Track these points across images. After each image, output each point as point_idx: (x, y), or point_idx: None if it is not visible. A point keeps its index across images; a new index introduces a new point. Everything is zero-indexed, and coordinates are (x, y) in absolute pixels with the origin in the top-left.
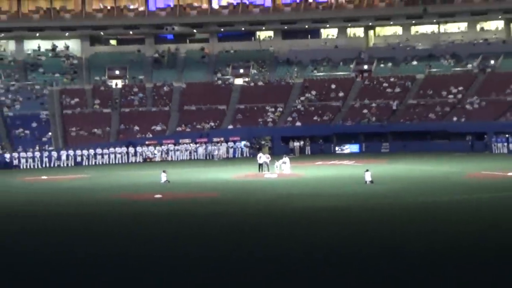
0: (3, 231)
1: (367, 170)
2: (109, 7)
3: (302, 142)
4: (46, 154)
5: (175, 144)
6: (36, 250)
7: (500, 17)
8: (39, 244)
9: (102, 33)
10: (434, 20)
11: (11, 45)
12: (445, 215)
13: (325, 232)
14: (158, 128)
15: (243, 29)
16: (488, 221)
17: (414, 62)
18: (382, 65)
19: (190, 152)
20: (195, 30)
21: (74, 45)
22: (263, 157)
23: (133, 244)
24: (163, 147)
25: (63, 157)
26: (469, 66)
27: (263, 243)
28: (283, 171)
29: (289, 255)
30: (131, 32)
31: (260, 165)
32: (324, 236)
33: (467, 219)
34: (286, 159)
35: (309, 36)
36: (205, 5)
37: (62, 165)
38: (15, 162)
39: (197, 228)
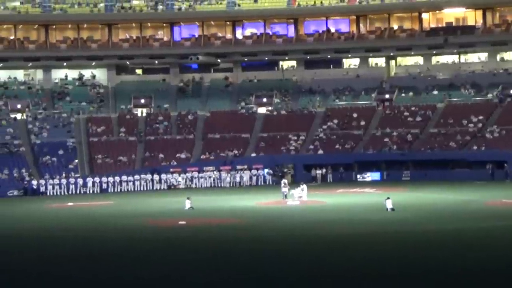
0: (28, 257)
1: (388, 198)
2: (134, 37)
3: (324, 170)
4: (72, 181)
5: (199, 172)
6: (59, 274)
7: None
8: (63, 268)
9: (128, 62)
10: (455, 51)
11: (39, 74)
12: (463, 241)
13: (349, 255)
14: (183, 156)
15: (266, 59)
16: (505, 247)
17: (435, 92)
18: (403, 95)
19: (213, 180)
20: (219, 60)
21: (100, 74)
22: (283, 185)
23: (157, 268)
24: (187, 174)
25: (89, 184)
26: (489, 95)
27: (285, 266)
28: (301, 197)
29: (315, 278)
30: (156, 62)
31: (285, 193)
32: (347, 259)
33: (485, 245)
34: (303, 186)
35: (331, 65)
36: (229, 35)
37: (88, 192)
38: (42, 188)
39: (221, 253)
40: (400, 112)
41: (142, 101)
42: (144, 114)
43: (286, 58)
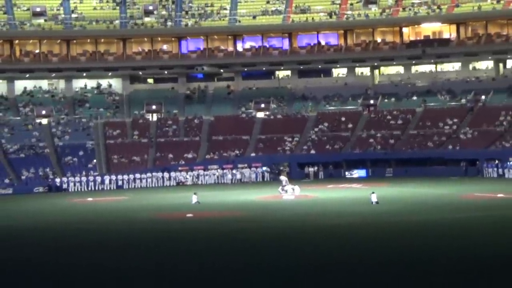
0: (53, 247)
1: (373, 192)
2: (146, 50)
3: (316, 168)
4: (91, 178)
5: (204, 170)
6: (78, 262)
7: (489, 57)
8: (83, 257)
9: (140, 73)
10: (432, 61)
11: (61, 84)
12: (442, 230)
13: (338, 244)
14: (190, 155)
15: (264, 69)
16: (478, 235)
17: (414, 98)
18: (386, 100)
19: (217, 177)
20: (222, 70)
21: (116, 84)
22: (283, 180)
23: (167, 256)
24: (194, 172)
25: (106, 181)
26: (463, 100)
27: (282, 253)
28: (294, 192)
29: (310, 265)
30: (166, 72)
31: (284, 186)
32: (337, 247)
33: (462, 234)
34: (296, 186)
35: (322, 75)
36: (230, 48)
37: (105, 188)
38: (65, 185)
39: (225, 242)
40: (383, 116)
41: (154, 107)
42: (155, 119)
43: (282, 68)
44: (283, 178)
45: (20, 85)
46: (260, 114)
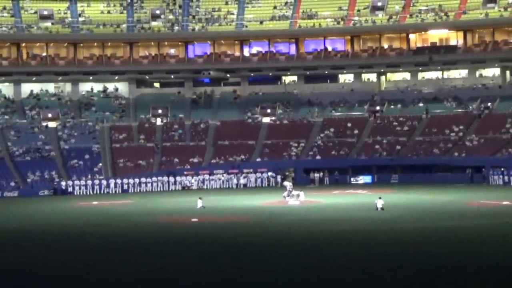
0: (56, 249)
1: (380, 197)
2: (153, 54)
3: (321, 173)
4: (97, 182)
5: (210, 174)
6: (82, 265)
7: (496, 65)
8: (87, 260)
9: (147, 77)
10: (439, 67)
11: (68, 87)
12: (447, 237)
13: (343, 249)
14: (195, 160)
15: (270, 74)
16: (484, 242)
17: (421, 104)
18: (392, 107)
19: (223, 181)
20: (228, 75)
21: (122, 87)
22: (288, 186)
23: (171, 259)
24: (199, 176)
25: (112, 185)
26: (469, 108)
27: (287, 258)
28: (299, 197)
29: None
30: (172, 76)
31: (290, 191)
32: (342, 252)
33: (470, 240)
34: (301, 192)
35: (328, 80)
36: (237, 53)
37: (110, 192)
38: (70, 189)
39: (230, 247)
40: (389, 122)
41: (160, 111)
42: (161, 123)
43: (288, 73)
44: (287, 183)
45: (27, 88)
46: (266, 119)
